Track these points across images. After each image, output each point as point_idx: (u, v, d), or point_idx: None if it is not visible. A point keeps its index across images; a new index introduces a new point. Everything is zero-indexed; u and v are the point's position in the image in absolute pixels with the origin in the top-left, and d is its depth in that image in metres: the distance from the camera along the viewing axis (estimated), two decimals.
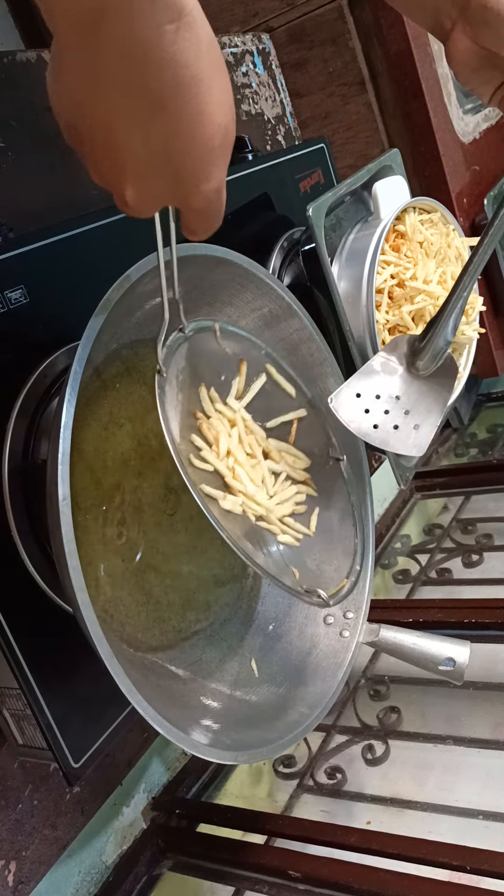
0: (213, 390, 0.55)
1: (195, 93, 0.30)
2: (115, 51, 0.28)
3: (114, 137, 0.31)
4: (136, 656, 0.56)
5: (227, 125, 0.33)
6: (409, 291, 0.78)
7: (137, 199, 0.35)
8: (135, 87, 0.29)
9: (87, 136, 0.33)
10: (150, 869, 0.75)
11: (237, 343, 0.55)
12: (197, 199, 0.35)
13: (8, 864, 0.63)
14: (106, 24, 0.28)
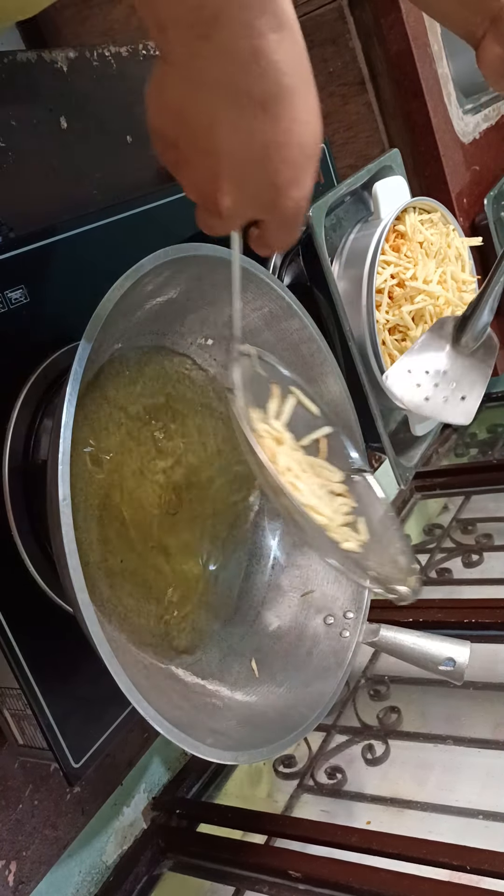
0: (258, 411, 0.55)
1: (292, 100, 0.32)
2: (223, 58, 0.31)
3: (214, 144, 0.33)
4: (136, 656, 0.56)
5: (318, 134, 0.35)
6: (409, 291, 0.78)
7: (231, 207, 0.36)
8: (239, 92, 0.32)
9: (187, 146, 0.35)
10: (151, 869, 0.75)
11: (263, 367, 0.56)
12: (288, 206, 0.37)
13: (8, 864, 0.63)
14: (217, 34, 0.30)
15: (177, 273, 0.55)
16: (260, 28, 0.30)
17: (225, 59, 0.31)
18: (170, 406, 0.62)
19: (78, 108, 0.70)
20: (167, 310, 0.59)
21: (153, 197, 0.67)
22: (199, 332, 0.64)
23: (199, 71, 0.32)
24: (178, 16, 0.30)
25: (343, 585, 0.67)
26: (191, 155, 0.35)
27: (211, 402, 0.66)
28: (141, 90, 0.79)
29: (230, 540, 0.67)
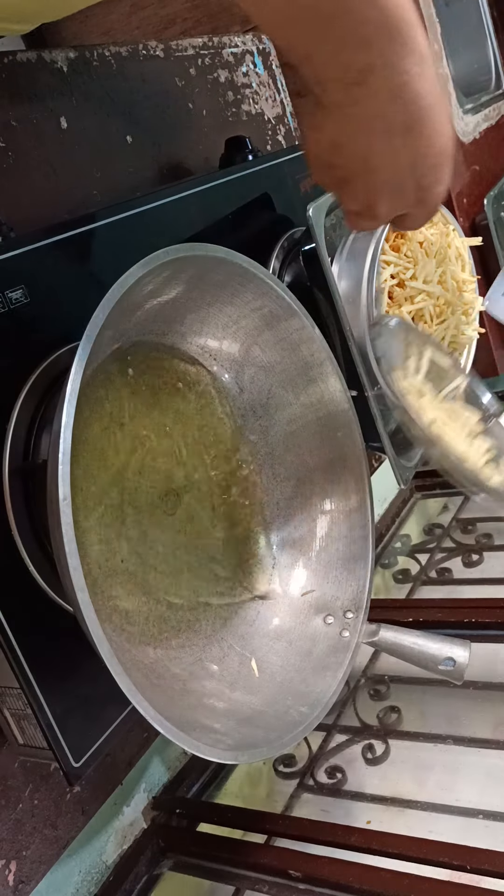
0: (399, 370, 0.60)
1: (431, 117, 0.39)
2: (375, 98, 0.37)
3: (371, 165, 0.41)
4: (137, 656, 0.56)
5: (451, 137, 0.42)
6: (409, 291, 0.78)
7: (388, 209, 0.44)
8: (389, 121, 0.38)
9: (346, 170, 0.42)
10: (151, 868, 0.75)
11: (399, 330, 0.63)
12: (433, 200, 0.44)
13: (8, 864, 0.63)
14: (370, 80, 0.36)
15: (177, 273, 0.55)
16: (405, 67, 0.36)
17: (376, 98, 0.37)
18: (170, 405, 0.63)
19: (78, 108, 0.70)
20: (167, 310, 0.60)
21: (153, 197, 0.67)
22: (199, 332, 0.64)
23: (353, 111, 0.38)
24: (337, 73, 0.37)
25: (343, 585, 0.67)
26: (350, 176, 0.42)
27: (212, 401, 0.66)
28: (141, 90, 0.79)
29: (230, 539, 0.67)
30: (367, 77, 0.36)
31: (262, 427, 0.69)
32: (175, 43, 0.83)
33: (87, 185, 0.70)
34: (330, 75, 0.37)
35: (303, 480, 0.70)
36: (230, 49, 0.91)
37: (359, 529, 0.68)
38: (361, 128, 0.39)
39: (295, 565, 0.69)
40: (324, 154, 0.42)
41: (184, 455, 0.63)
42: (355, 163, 0.41)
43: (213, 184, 0.73)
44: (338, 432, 0.68)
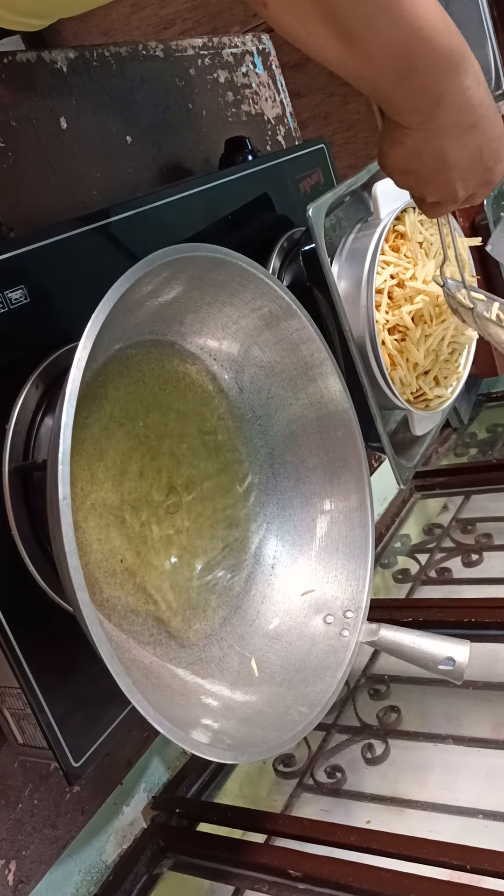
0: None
1: (489, 114, 0.48)
2: (448, 113, 0.46)
3: (449, 160, 0.49)
4: (136, 656, 0.56)
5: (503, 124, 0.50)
6: (408, 291, 0.78)
7: (464, 192, 0.53)
8: (460, 124, 0.47)
9: (426, 171, 0.50)
10: (151, 868, 0.75)
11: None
12: (496, 175, 0.52)
13: (8, 864, 0.63)
14: (445, 101, 0.45)
15: (177, 273, 0.55)
16: (467, 84, 0.45)
17: (448, 113, 0.46)
18: (170, 405, 0.63)
19: (78, 108, 0.70)
20: (167, 310, 0.60)
21: (153, 197, 0.67)
22: (199, 332, 0.64)
23: (430, 125, 0.46)
24: (416, 105, 0.45)
25: (343, 585, 0.67)
26: (430, 175, 0.51)
27: (211, 401, 0.66)
28: (141, 90, 0.79)
29: (230, 539, 0.67)
30: (441, 101, 0.45)
31: (262, 427, 0.69)
32: (175, 43, 0.83)
33: (87, 185, 0.70)
34: (410, 106, 0.45)
35: (302, 480, 0.70)
36: (230, 49, 0.91)
37: (359, 529, 0.68)
38: (437, 136, 0.47)
39: (295, 565, 0.69)
40: (403, 163, 0.50)
41: (184, 455, 0.63)
42: (434, 163, 0.49)
43: (213, 184, 0.74)
44: (338, 432, 0.68)
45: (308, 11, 0.41)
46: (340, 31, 0.41)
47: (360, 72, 0.44)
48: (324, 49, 0.43)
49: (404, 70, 0.43)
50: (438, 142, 0.48)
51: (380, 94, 0.45)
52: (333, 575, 0.68)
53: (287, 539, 0.70)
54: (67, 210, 0.68)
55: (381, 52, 0.42)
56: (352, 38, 0.41)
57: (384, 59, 0.42)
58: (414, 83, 0.44)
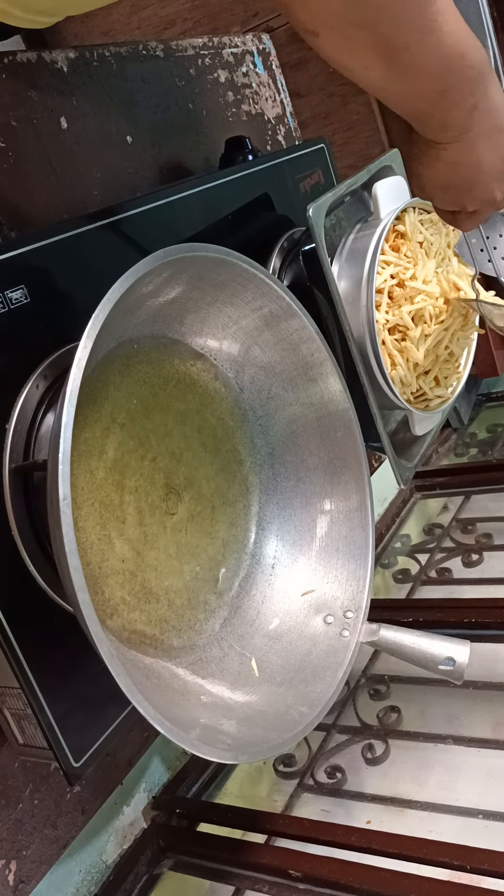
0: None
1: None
2: (481, 120, 0.48)
3: (485, 166, 0.52)
4: (136, 656, 0.56)
5: None
6: (408, 291, 0.78)
7: (501, 195, 0.55)
8: (490, 131, 0.50)
9: (465, 180, 0.53)
10: (151, 868, 0.75)
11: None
12: None
13: (8, 864, 0.63)
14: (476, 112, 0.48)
15: (177, 273, 0.55)
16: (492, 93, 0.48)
17: (480, 122, 0.49)
18: (170, 405, 0.63)
19: (78, 109, 0.70)
20: (167, 310, 0.60)
21: (153, 197, 0.67)
22: (199, 332, 0.64)
23: (465, 136, 0.49)
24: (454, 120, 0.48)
25: (343, 585, 0.67)
26: (469, 185, 0.53)
27: (212, 401, 0.66)
28: (141, 90, 0.79)
29: (230, 539, 0.67)
30: (473, 112, 0.48)
31: (262, 427, 0.69)
32: (175, 43, 0.83)
33: (87, 185, 0.70)
34: (448, 122, 0.48)
35: (302, 480, 0.70)
36: (230, 49, 0.91)
37: (359, 529, 0.68)
38: (472, 145, 0.50)
39: (295, 565, 0.69)
40: (443, 178, 0.53)
41: (184, 455, 0.63)
42: (472, 171, 0.52)
43: (213, 184, 0.74)
44: (338, 432, 0.68)
45: (359, 40, 0.42)
46: (388, 56, 0.43)
47: (404, 93, 0.46)
48: (369, 73, 0.44)
49: (444, 88, 0.46)
50: (474, 150, 0.51)
51: (421, 114, 0.48)
52: (333, 575, 0.68)
53: (287, 539, 0.70)
54: (67, 210, 0.68)
55: (424, 72, 0.44)
56: (399, 62, 0.43)
57: (427, 80, 0.45)
58: (452, 99, 0.47)
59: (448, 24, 0.43)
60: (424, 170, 0.53)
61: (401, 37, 0.42)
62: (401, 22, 0.41)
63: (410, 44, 0.43)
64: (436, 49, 0.43)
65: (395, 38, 0.42)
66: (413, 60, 0.44)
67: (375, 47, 0.43)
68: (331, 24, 0.42)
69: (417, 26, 0.42)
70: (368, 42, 0.42)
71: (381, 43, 0.42)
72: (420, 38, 0.42)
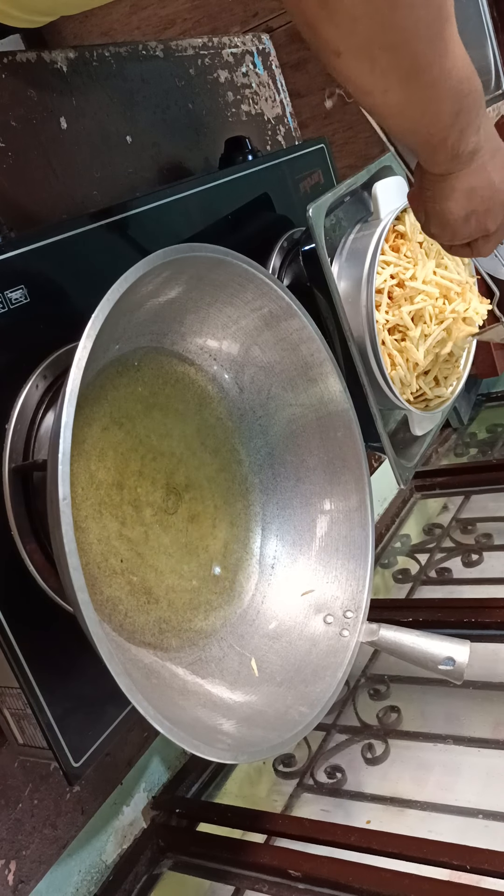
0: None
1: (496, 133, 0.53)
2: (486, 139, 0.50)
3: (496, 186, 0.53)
4: (136, 656, 0.56)
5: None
6: (408, 291, 0.78)
7: None
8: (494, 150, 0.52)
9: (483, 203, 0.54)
10: (151, 868, 0.75)
11: None
12: None
13: (8, 864, 0.63)
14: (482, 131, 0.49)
15: (177, 273, 0.55)
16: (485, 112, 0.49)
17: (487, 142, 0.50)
18: (170, 405, 0.63)
19: (78, 108, 0.70)
20: (167, 310, 0.60)
21: (153, 197, 0.67)
22: (199, 332, 0.64)
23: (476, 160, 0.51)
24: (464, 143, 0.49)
25: (343, 584, 0.67)
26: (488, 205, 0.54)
27: (212, 401, 0.66)
28: (141, 90, 0.79)
29: (230, 539, 0.67)
30: (479, 134, 0.49)
31: (262, 427, 0.69)
32: (175, 43, 0.83)
33: (87, 185, 0.70)
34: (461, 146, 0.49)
35: (302, 480, 0.70)
36: (230, 49, 0.91)
37: (359, 529, 0.68)
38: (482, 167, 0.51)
39: (295, 565, 0.69)
40: (462, 207, 0.54)
41: (184, 455, 0.63)
42: (488, 191, 0.53)
43: (213, 184, 0.74)
44: (338, 432, 0.68)
45: (383, 62, 0.42)
46: (410, 78, 0.43)
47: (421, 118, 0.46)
48: (388, 95, 0.44)
49: (458, 110, 0.46)
50: (485, 172, 0.52)
51: (434, 139, 0.48)
52: (333, 575, 0.68)
53: (287, 539, 0.70)
54: (67, 210, 0.68)
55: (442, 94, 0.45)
56: (420, 83, 0.44)
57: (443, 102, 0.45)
58: (465, 120, 0.47)
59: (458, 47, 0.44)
60: (442, 206, 0.54)
61: (424, 58, 0.42)
62: (424, 43, 0.42)
63: (432, 65, 0.43)
64: (451, 71, 0.44)
65: (418, 59, 0.42)
66: (433, 82, 0.44)
67: (399, 69, 0.43)
68: (356, 44, 0.41)
69: (438, 48, 0.42)
70: (392, 63, 0.42)
71: (404, 64, 0.42)
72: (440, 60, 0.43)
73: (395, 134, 0.50)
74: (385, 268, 0.79)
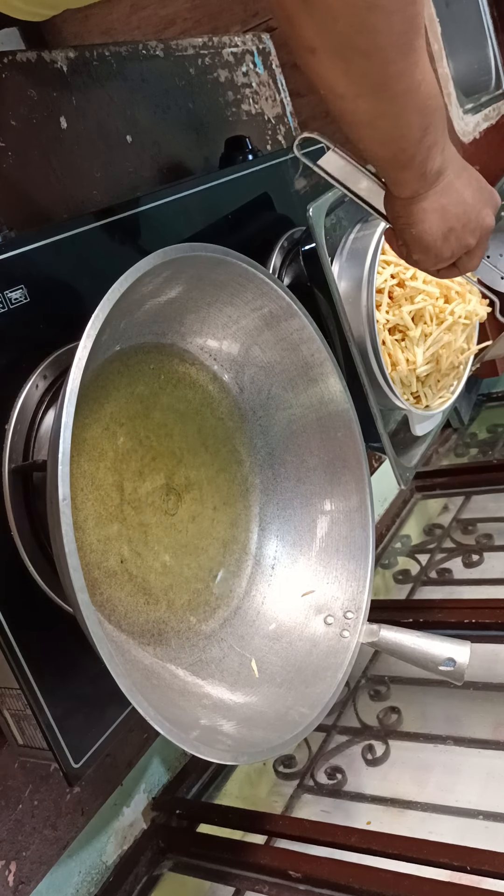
0: None
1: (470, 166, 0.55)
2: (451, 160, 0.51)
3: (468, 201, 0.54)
4: (137, 656, 0.56)
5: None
6: (408, 291, 0.78)
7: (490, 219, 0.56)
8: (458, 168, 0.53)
9: (457, 219, 0.54)
10: (151, 869, 0.75)
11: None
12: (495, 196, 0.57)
13: (8, 865, 0.63)
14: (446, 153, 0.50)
15: (176, 273, 0.55)
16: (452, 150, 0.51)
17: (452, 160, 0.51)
18: (170, 405, 0.62)
19: (78, 108, 0.70)
20: (167, 310, 0.59)
21: (153, 197, 0.67)
22: (199, 332, 0.64)
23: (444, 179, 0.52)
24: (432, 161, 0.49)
25: (343, 585, 0.67)
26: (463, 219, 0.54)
27: (212, 401, 0.66)
28: (141, 90, 0.79)
29: (230, 539, 0.67)
30: (445, 152, 0.50)
31: (262, 427, 0.69)
32: (175, 43, 0.83)
33: (87, 185, 0.70)
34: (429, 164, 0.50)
35: (303, 480, 0.70)
36: (230, 49, 0.91)
37: (359, 530, 0.68)
38: (451, 185, 0.52)
39: (295, 565, 0.69)
40: (438, 226, 0.54)
41: (184, 455, 0.63)
42: (460, 208, 0.53)
43: (213, 184, 0.73)
44: (338, 432, 0.68)
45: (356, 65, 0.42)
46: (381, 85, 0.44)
47: (391, 130, 0.46)
48: (359, 101, 0.44)
49: (427, 125, 0.47)
50: (453, 188, 0.53)
51: (403, 155, 0.48)
52: (334, 575, 0.68)
53: (287, 539, 0.70)
54: (67, 210, 0.68)
55: (411, 106, 0.45)
56: (390, 92, 0.44)
57: (413, 114, 0.46)
58: (433, 138, 0.48)
59: (427, 63, 0.45)
60: (418, 230, 0.54)
61: (395, 66, 0.43)
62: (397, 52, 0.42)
63: (403, 75, 0.43)
64: (420, 84, 0.44)
65: (390, 66, 0.43)
66: (405, 92, 0.44)
67: (372, 74, 0.43)
68: (332, 43, 0.42)
69: (410, 58, 0.43)
70: (366, 67, 0.43)
71: (377, 70, 0.43)
72: (411, 70, 0.43)
73: (366, 147, 0.49)
74: (385, 267, 0.79)
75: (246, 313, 0.63)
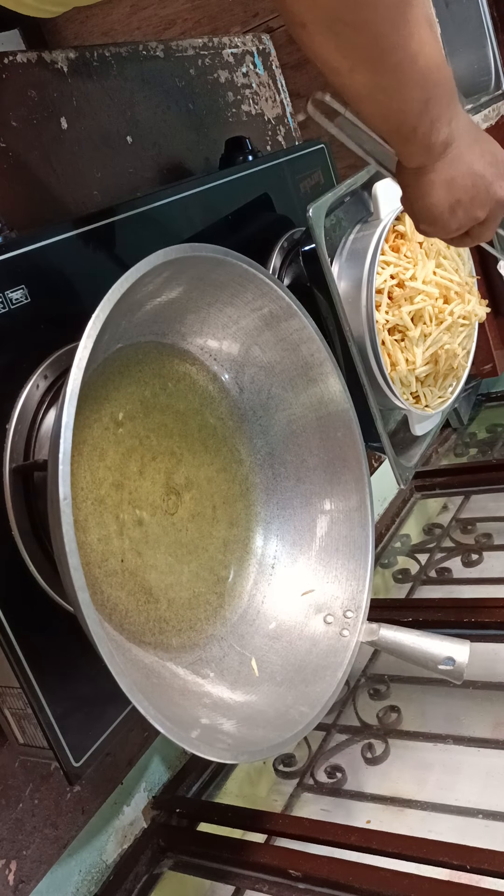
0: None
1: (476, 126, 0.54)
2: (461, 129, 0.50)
3: (477, 172, 0.52)
4: (137, 656, 0.56)
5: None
6: (408, 292, 0.79)
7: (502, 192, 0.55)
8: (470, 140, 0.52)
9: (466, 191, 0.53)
10: (151, 868, 0.75)
11: None
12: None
13: (8, 864, 0.63)
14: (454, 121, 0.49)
15: (177, 273, 0.55)
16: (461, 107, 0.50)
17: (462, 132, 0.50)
18: (170, 405, 0.63)
19: (78, 108, 0.70)
20: (167, 310, 0.60)
21: (153, 197, 0.67)
22: (199, 332, 0.64)
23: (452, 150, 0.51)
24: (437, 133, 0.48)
25: (343, 584, 0.67)
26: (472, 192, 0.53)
27: (212, 401, 0.66)
28: (141, 90, 0.79)
29: (230, 539, 0.67)
30: (452, 124, 0.49)
31: (262, 427, 0.69)
32: (175, 43, 0.83)
33: (87, 185, 0.70)
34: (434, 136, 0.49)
35: (303, 480, 0.70)
36: (230, 49, 0.91)
37: (359, 529, 0.68)
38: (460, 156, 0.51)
39: (295, 565, 0.69)
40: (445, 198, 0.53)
41: (184, 455, 0.63)
42: (469, 180, 0.52)
43: (213, 184, 0.74)
44: (337, 432, 0.68)
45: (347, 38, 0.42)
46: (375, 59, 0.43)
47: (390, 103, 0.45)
48: (355, 76, 0.44)
49: (427, 98, 0.46)
50: (462, 160, 0.52)
51: (405, 128, 0.48)
52: (333, 575, 0.68)
53: (287, 539, 0.70)
54: (67, 210, 0.68)
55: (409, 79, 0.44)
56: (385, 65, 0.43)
57: (411, 87, 0.44)
58: (435, 111, 0.47)
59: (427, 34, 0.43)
60: (425, 202, 0.54)
61: (387, 39, 0.42)
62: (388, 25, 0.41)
63: (396, 48, 0.42)
64: (417, 56, 0.43)
65: (380, 39, 0.42)
66: (399, 66, 0.43)
67: (363, 48, 0.42)
68: (321, 17, 0.41)
69: (402, 31, 0.42)
70: (356, 42, 0.42)
71: (367, 43, 0.42)
72: (405, 43, 0.42)
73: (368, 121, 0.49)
74: (385, 268, 0.79)
75: (246, 313, 0.63)
